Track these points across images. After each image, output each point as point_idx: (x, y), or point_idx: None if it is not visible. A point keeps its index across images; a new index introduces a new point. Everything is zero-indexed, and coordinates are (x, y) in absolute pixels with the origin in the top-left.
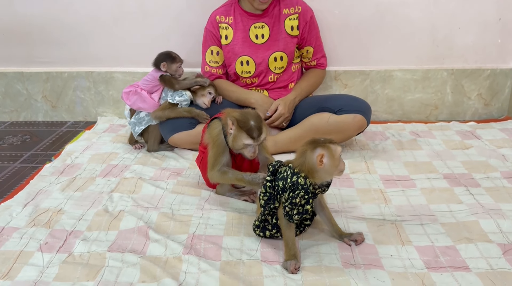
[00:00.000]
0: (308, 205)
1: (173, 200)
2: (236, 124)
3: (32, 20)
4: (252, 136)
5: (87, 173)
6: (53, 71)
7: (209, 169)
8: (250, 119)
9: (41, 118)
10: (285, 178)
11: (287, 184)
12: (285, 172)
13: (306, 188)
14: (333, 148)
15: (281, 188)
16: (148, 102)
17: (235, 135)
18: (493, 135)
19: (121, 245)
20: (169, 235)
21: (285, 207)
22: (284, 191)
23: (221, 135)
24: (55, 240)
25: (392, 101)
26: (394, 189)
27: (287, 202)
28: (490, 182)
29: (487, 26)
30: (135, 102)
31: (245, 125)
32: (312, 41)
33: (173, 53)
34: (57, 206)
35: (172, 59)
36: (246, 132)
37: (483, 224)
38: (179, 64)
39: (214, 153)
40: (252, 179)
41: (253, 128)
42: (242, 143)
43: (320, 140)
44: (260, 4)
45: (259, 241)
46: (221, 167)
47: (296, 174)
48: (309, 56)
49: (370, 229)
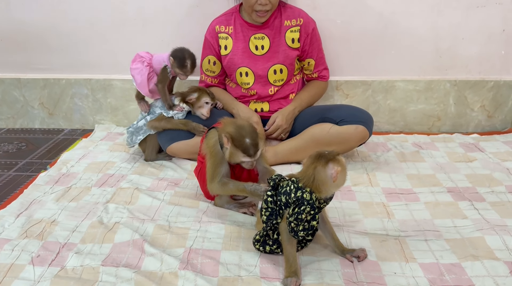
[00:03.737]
0: (314, 221)
1: (170, 211)
2: (231, 142)
3: (30, 27)
4: (248, 154)
5: (83, 183)
6: (50, 78)
7: (209, 181)
8: (245, 135)
9: (37, 125)
10: (288, 193)
11: (291, 199)
12: (287, 187)
13: (312, 203)
14: (342, 161)
15: (284, 203)
16: (142, 80)
17: (231, 152)
18: (497, 148)
19: (115, 259)
20: (165, 249)
21: (290, 223)
22: (287, 206)
23: (218, 146)
24: (47, 253)
25: (394, 112)
26: (397, 202)
27: (292, 218)
28: (495, 197)
29: (491, 37)
30: (135, 70)
31: (241, 143)
32: (314, 53)
33: (189, 61)
34: (51, 217)
35: (180, 65)
36: (242, 151)
37: (489, 240)
38: (184, 73)
39: (212, 164)
40: (254, 190)
41: (249, 145)
42: (240, 160)
43: (326, 154)
44: (258, 17)
45: (258, 256)
46: (221, 178)
47: (300, 188)
48: (310, 68)
49: (373, 245)
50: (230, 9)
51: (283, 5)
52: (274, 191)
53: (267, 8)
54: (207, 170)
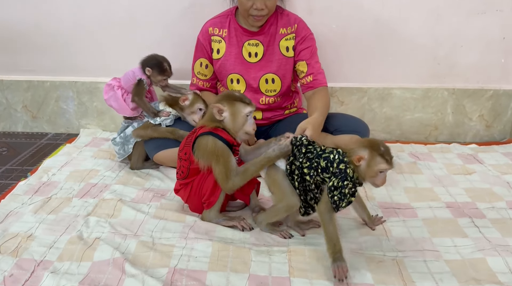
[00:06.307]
0: (353, 197)
1: (154, 226)
2: (227, 102)
3: (14, 26)
4: (247, 102)
5: (64, 193)
6: (34, 80)
7: (226, 180)
8: (235, 92)
9: (20, 129)
10: (332, 161)
11: (334, 169)
12: (331, 154)
13: (354, 180)
14: (377, 160)
15: (322, 167)
16: (119, 104)
17: (233, 112)
18: (496, 160)
19: (93, 279)
20: (147, 269)
21: (334, 196)
22: (324, 171)
23: (218, 142)
24: (21, 272)
25: (390, 120)
26: (394, 219)
27: (337, 191)
28: (496, 213)
29: (491, 44)
30: (109, 99)
31: (237, 97)
32: (306, 55)
33: (166, 63)
34: (28, 230)
35: (161, 71)
36: (240, 101)
37: (491, 262)
38: (166, 78)
39: (223, 164)
40: (280, 150)
41: (242, 96)
42: (243, 115)
43: (378, 147)
44: (254, 21)
45: (247, 278)
46: (236, 170)
47: (345, 162)
48: (303, 70)
49: (369, 266)
50: (226, 11)
51: (280, 11)
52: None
53: (263, 13)
54: (219, 173)
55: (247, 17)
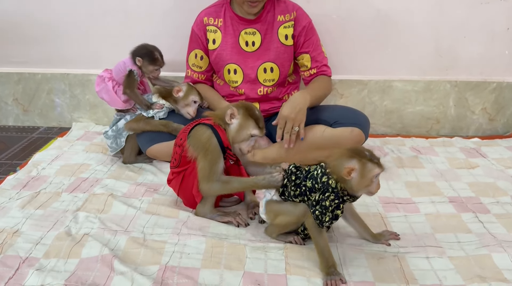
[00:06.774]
0: (339, 210)
1: (146, 222)
2: (243, 112)
3: (4, 17)
4: (260, 125)
5: (53, 187)
6: (25, 72)
7: (205, 180)
8: (256, 110)
9: (11, 122)
10: (315, 178)
11: (318, 184)
12: (315, 171)
13: (337, 192)
14: (368, 167)
15: (309, 188)
16: (110, 96)
17: (241, 125)
18: (499, 154)
19: (80, 277)
20: (137, 266)
21: (315, 211)
22: (312, 191)
23: (213, 139)
24: (5, 270)
25: (391, 113)
26: (396, 214)
27: (318, 206)
28: (500, 208)
29: (495, 36)
30: (101, 91)
31: (253, 113)
32: (310, 48)
33: (157, 52)
34: (14, 226)
35: (152, 60)
36: (254, 120)
37: (496, 259)
38: (158, 68)
39: (209, 161)
40: (269, 182)
41: (260, 116)
42: (248, 133)
43: (364, 153)
44: (250, 7)
45: (241, 276)
46: (219, 176)
47: (327, 174)
48: (306, 64)
49: (369, 263)
50: (221, 0)
51: None
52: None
53: None
54: (201, 169)
55: (242, 4)
